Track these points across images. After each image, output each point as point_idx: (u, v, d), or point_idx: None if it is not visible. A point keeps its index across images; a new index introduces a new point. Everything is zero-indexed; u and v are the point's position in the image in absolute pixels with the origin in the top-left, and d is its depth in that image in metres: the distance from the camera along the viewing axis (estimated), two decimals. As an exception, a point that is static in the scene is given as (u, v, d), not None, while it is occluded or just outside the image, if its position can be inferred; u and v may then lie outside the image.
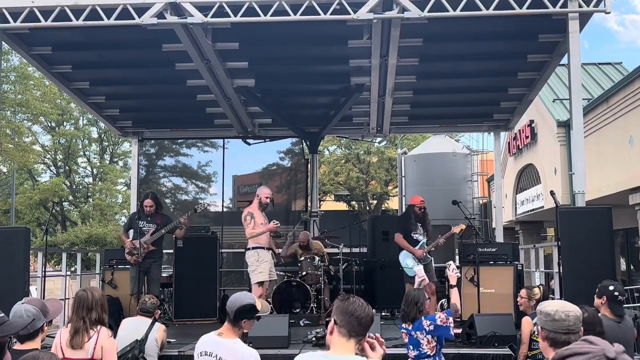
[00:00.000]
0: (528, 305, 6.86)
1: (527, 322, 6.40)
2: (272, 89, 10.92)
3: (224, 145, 14.62)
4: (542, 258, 11.08)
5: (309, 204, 13.44)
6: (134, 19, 7.23)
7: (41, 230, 26.58)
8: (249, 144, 13.14)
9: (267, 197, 8.88)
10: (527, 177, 21.37)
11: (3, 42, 7.90)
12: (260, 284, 8.51)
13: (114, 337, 5.01)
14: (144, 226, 8.91)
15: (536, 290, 6.89)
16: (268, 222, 8.77)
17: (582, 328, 2.99)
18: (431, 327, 5.66)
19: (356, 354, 2.77)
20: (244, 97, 10.85)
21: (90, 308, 4.51)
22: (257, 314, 4.19)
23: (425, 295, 6.06)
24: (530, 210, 20.73)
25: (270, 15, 7.20)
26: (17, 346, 3.61)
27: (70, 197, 31.56)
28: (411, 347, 5.75)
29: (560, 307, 2.98)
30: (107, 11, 7.27)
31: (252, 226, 8.60)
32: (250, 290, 10.27)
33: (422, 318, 5.77)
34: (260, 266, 8.50)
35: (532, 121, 19.57)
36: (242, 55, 9.32)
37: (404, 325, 5.84)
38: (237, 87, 10.31)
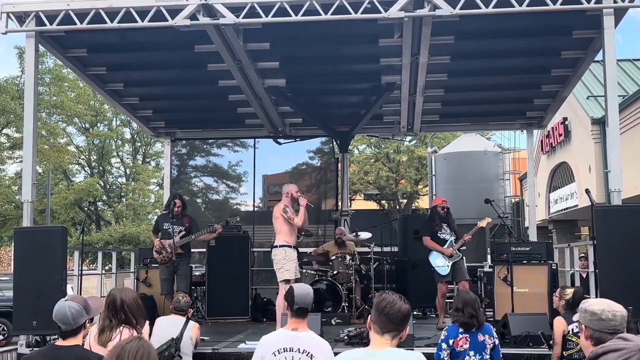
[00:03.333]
0: (558, 305, 6.77)
1: (559, 323, 6.31)
2: (302, 88, 10.95)
3: (254, 145, 14.71)
4: (577, 257, 10.91)
5: (339, 203, 13.45)
6: (167, 20, 7.33)
7: (76, 229, 27.09)
8: (279, 143, 13.19)
9: (297, 192, 8.73)
10: (561, 176, 21.08)
11: (39, 45, 8.06)
12: (287, 281, 8.53)
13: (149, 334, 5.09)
14: (169, 228, 9.07)
15: (568, 291, 6.79)
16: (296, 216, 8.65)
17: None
18: (496, 342, 5.63)
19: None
20: (274, 97, 10.90)
21: (118, 310, 4.58)
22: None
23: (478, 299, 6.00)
24: (564, 209, 20.45)
25: (301, 15, 7.22)
26: (59, 342, 3.68)
27: (104, 197, 32.07)
28: (472, 352, 5.48)
29: (606, 307, 2.90)
30: (141, 13, 7.38)
31: (291, 214, 8.56)
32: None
33: (490, 325, 5.74)
34: (287, 264, 8.48)
35: (565, 118, 19.29)
36: (273, 55, 9.36)
37: (460, 330, 5.54)
38: (268, 87, 10.37)
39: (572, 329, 6.16)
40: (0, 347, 7.92)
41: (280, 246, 8.53)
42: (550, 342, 6.48)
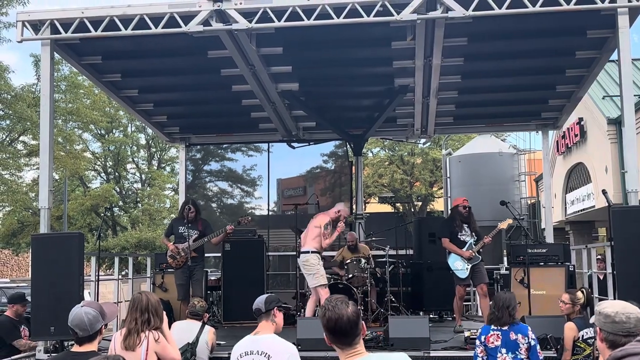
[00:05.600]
0: (572, 311, 6.71)
1: (570, 329, 6.27)
2: (315, 92, 10.96)
3: (268, 149, 14.75)
4: (594, 259, 10.79)
5: (354, 207, 13.43)
6: (180, 27, 7.38)
7: (93, 235, 27.26)
8: (293, 147, 13.20)
9: (344, 218, 9.16)
10: (577, 176, 20.92)
11: (54, 52, 8.13)
12: (325, 286, 8.67)
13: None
14: (184, 232, 9.11)
15: (579, 294, 6.72)
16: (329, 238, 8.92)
17: None
18: (532, 342, 5.64)
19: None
20: (288, 101, 10.92)
21: (143, 310, 4.62)
22: (283, 303, 4.48)
23: (516, 300, 6.00)
24: (581, 210, 20.29)
25: (314, 19, 7.23)
26: (75, 348, 3.69)
27: (120, 203, 32.24)
28: (504, 350, 5.58)
29: (620, 309, 2.88)
30: (155, 20, 7.44)
31: (328, 233, 8.80)
32: (297, 293, 10.37)
33: (527, 326, 5.75)
34: (321, 269, 8.74)
35: (581, 119, 19.14)
36: (285, 59, 9.38)
37: (492, 327, 5.72)
38: (281, 91, 10.38)
39: (582, 336, 6.12)
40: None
41: (312, 252, 8.67)
42: (558, 346, 6.44)
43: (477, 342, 5.78)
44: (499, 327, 5.69)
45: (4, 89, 21.67)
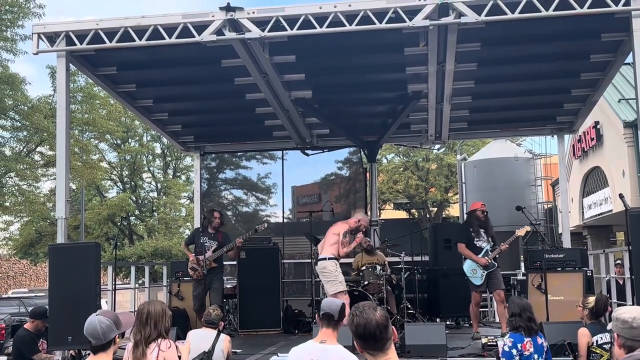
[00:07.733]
0: (582, 315, 6.66)
1: (583, 334, 6.21)
2: (329, 99, 10.97)
3: (282, 157, 14.78)
4: (612, 264, 10.69)
5: (369, 213, 13.39)
6: (194, 36, 7.43)
7: (110, 244, 27.42)
8: (307, 154, 13.22)
9: (364, 228, 9.24)
10: (594, 180, 20.74)
11: (70, 64, 8.21)
12: (345, 292, 8.67)
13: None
14: (205, 242, 9.24)
15: (590, 299, 6.66)
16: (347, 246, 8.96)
17: None
18: (547, 344, 5.80)
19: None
20: (301, 109, 10.94)
21: (144, 323, 4.69)
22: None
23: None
24: (598, 215, 20.10)
25: (326, 27, 7.26)
26: (91, 358, 3.71)
27: (137, 212, 32.43)
28: (536, 355, 5.69)
29: (638, 314, 2.87)
30: (168, 30, 7.50)
31: (346, 242, 8.83)
32: (312, 301, 10.36)
33: None
34: (340, 275, 8.70)
35: (597, 122, 18.99)
36: (298, 67, 9.40)
37: (523, 334, 5.76)
38: (294, 99, 10.41)
39: (597, 341, 6.06)
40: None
41: (329, 258, 8.66)
42: (576, 353, 6.37)
43: (514, 351, 5.67)
44: (527, 335, 5.75)
45: (21, 100, 21.89)
